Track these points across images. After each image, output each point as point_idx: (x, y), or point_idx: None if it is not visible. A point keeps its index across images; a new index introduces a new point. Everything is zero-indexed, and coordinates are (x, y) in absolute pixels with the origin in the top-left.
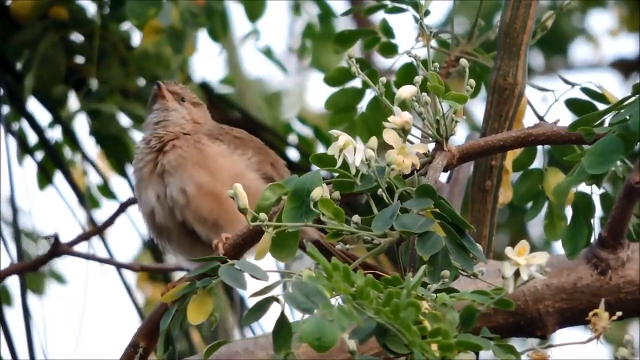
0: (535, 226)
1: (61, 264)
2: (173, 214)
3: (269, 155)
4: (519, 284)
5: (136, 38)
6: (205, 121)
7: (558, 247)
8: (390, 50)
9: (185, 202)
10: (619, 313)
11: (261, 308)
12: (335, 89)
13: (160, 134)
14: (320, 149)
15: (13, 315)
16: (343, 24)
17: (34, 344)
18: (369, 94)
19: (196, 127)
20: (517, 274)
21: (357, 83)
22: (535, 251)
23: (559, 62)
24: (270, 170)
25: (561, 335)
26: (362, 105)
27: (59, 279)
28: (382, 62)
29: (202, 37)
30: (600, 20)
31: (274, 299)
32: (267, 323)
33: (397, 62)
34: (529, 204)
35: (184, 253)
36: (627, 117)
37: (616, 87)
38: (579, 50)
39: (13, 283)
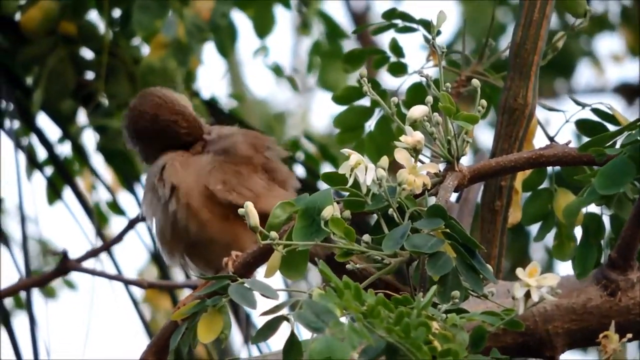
0: (538, 251)
1: (70, 278)
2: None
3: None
4: (529, 305)
5: (145, 54)
6: None
7: (562, 270)
8: (399, 69)
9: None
10: (629, 335)
11: (271, 327)
12: (343, 108)
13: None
14: (326, 167)
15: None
16: (348, 45)
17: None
18: (377, 113)
19: None
20: (527, 295)
21: (365, 102)
22: None
23: (562, 86)
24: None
25: (568, 356)
26: (370, 124)
27: (70, 285)
28: (386, 83)
29: (208, 51)
30: (607, 44)
31: (284, 318)
32: (273, 341)
33: (405, 82)
34: (536, 227)
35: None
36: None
37: (620, 112)
38: (582, 75)
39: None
